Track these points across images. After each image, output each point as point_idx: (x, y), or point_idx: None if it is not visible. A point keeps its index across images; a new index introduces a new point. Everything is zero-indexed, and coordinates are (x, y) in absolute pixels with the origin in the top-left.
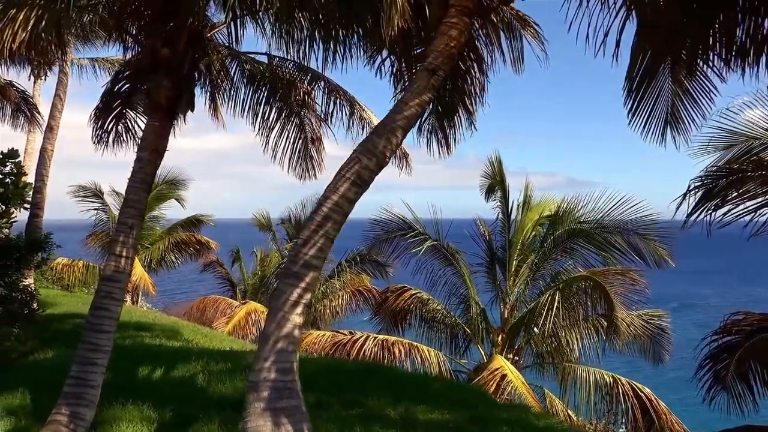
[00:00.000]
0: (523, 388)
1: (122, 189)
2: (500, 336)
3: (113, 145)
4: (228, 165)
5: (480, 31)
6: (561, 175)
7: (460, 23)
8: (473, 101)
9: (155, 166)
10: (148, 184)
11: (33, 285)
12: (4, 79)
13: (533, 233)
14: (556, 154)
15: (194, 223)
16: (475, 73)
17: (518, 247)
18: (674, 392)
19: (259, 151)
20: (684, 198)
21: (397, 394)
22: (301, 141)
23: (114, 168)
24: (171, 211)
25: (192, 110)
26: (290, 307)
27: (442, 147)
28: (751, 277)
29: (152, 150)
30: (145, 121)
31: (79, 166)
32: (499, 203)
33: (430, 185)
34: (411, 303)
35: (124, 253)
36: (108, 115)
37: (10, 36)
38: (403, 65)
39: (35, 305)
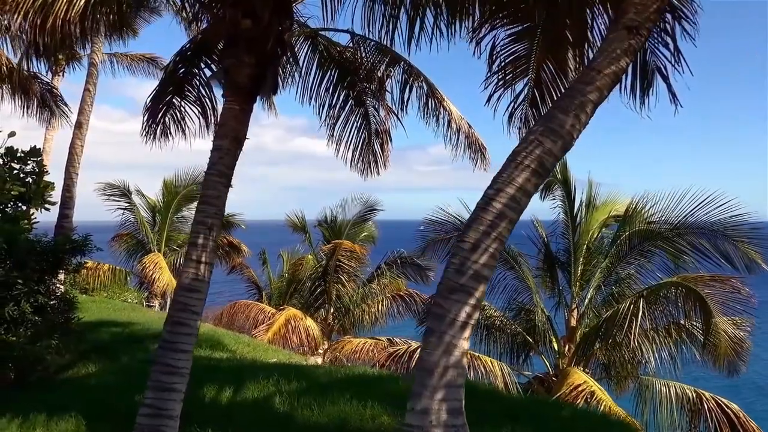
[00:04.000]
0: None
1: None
2: (567, 346)
3: (161, 138)
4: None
5: None
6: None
7: None
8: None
9: (235, 156)
10: (227, 178)
11: (71, 292)
12: (28, 71)
13: (599, 235)
14: None
15: (223, 224)
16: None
17: (584, 250)
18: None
19: (265, 152)
20: None
21: (526, 427)
22: (365, 133)
23: (119, 170)
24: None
25: (275, 92)
26: (458, 330)
27: None
28: None
29: (232, 138)
30: (195, 111)
31: (88, 168)
32: (560, 203)
33: (436, 186)
34: None
35: (203, 259)
36: (160, 102)
37: (65, 4)
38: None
39: (71, 314)
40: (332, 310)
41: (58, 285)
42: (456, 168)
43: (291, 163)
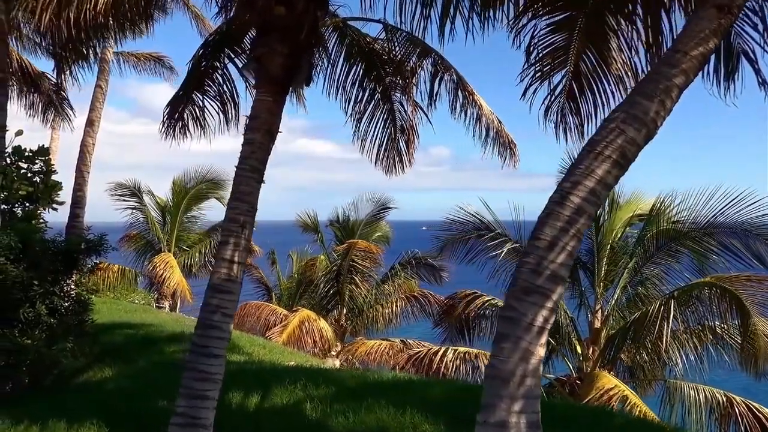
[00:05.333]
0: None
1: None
2: (591, 348)
3: (180, 136)
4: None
5: None
6: None
7: None
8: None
9: (267, 150)
10: (260, 173)
11: (82, 294)
12: (40, 71)
13: (623, 235)
14: (557, 153)
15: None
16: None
17: (607, 250)
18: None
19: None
20: None
21: None
22: (391, 129)
23: (120, 171)
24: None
25: (309, 84)
26: (535, 335)
27: (571, 133)
28: None
29: (264, 131)
30: (215, 106)
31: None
32: None
33: (435, 187)
34: (485, 310)
35: (236, 258)
36: (182, 98)
37: None
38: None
39: (85, 316)
40: (345, 311)
41: (71, 286)
42: (456, 169)
43: (292, 164)
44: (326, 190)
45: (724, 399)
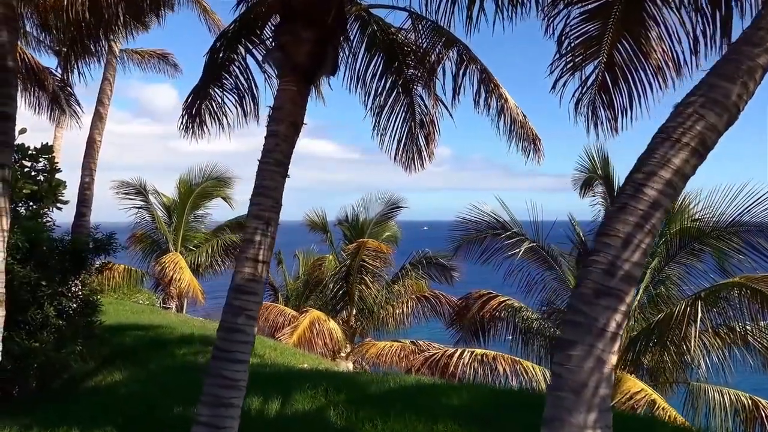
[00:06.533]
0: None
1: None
2: None
3: (198, 131)
4: (236, 167)
5: None
6: (569, 176)
7: None
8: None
9: (292, 143)
10: (285, 167)
11: (90, 293)
12: (43, 66)
13: None
14: (561, 153)
15: (243, 225)
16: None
17: None
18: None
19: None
20: None
21: None
22: (411, 123)
23: (120, 171)
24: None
25: (335, 73)
26: (609, 342)
27: (602, 127)
28: None
29: (289, 123)
30: (232, 100)
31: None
32: (601, 200)
33: (436, 187)
34: (501, 311)
35: (260, 257)
36: (200, 93)
37: None
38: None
39: (94, 317)
40: (354, 311)
41: (79, 286)
42: (457, 169)
43: (294, 164)
44: (327, 190)
45: (750, 402)
